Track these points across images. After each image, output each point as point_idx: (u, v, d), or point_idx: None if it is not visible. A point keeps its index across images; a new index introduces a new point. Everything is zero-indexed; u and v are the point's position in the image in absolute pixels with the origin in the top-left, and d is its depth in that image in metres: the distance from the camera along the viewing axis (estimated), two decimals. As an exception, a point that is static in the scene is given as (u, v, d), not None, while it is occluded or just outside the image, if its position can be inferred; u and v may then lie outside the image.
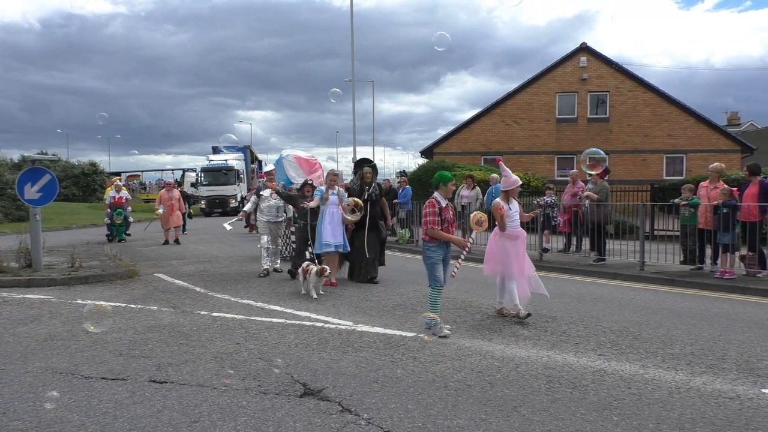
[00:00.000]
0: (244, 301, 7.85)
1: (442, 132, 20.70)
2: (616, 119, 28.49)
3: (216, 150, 40.92)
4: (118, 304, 7.68)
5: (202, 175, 36.78)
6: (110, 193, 18.22)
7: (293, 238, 11.42)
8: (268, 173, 11.58)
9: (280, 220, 10.94)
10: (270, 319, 6.74)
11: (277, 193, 10.35)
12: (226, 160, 37.47)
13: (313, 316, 6.93)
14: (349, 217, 9.07)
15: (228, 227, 8.90)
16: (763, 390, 4.34)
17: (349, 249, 9.45)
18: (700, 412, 3.91)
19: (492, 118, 29.67)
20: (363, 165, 10.13)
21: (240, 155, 39.34)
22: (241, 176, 37.14)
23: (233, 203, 34.50)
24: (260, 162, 48.35)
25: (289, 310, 7.25)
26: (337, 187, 9.51)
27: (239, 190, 35.92)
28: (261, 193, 10.84)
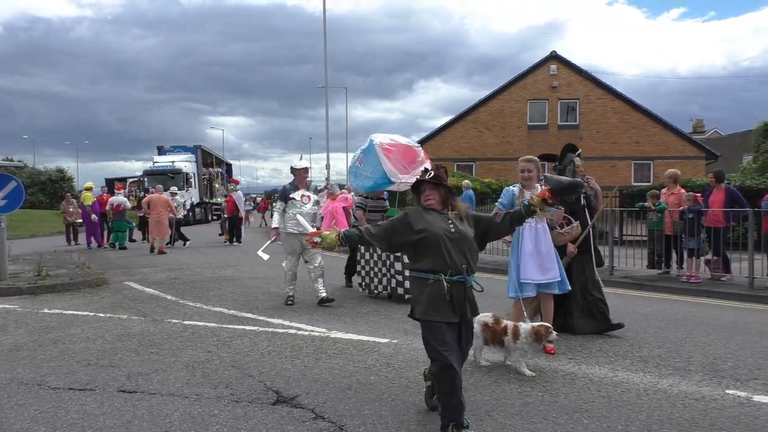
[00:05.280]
0: (217, 309, 7.77)
1: (416, 138, 20.94)
2: (585, 126, 28.98)
3: (161, 150, 36.25)
4: (86, 313, 7.54)
5: (146, 179, 31.53)
6: (91, 197, 17.92)
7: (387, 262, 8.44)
8: (302, 170, 8.21)
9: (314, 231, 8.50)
10: (243, 327, 6.68)
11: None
12: (172, 162, 32.90)
13: (287, 323, 6.89)
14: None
15: (264, 256, 7.88)
16: (727, 391, 4.45)
17: (569, 288, 5.83)
18: (667, 413, 3.99)
19: (465, 125, 29.93)
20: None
21: (189, 156, 34.76)
22: (191, 180, 32.94)
23: (181, 212, 30.29)
24: (229, 166, 46.39)
25: (262, 318, 7.20)
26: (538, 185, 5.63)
27: (189, 196, 31.09)
28: (291, 196, 8.00)
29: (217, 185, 39.37)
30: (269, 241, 8.27)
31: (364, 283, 9.03)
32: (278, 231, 8.12)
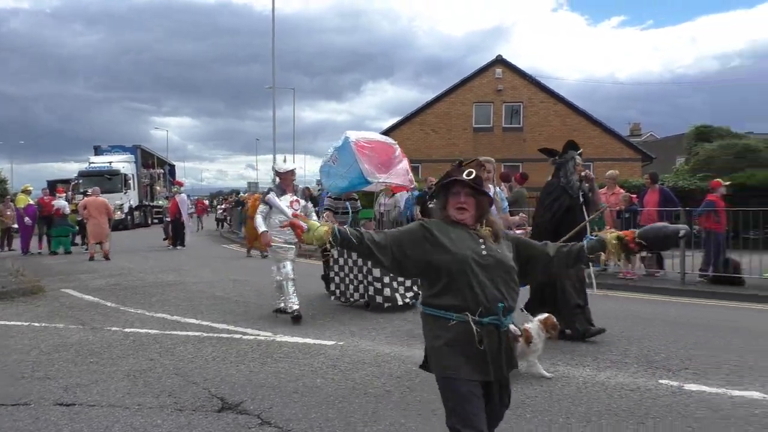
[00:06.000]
0: (159, 315, 7.58)
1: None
2: (529, 129, 29.66)
3: (98, 150, 34.13)
4: (20, 323, 7.22)
5: (80, 180, 28.79)
6: (26, 199, 17.15)
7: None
8: (288, 173, 7.25)
9: None
10: (186, 333, 6.54)
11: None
12: (110, 163, 30.76)
13: (231, 328, 6.79)
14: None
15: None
16: (660, 381, 4.66)
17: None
18: (605, 404, 4.15)
19: (411, 127, 30.17)
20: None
21: (128, 156, 32.79)
22: (130, 182, 31.08)
23: (119, 215, 26.99)
24: (172, 167, 45.07)
25: (206, 323, 7.07)
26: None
27: (127, 198, 29.68)
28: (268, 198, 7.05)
29: (158, 187, 38.18)
30: (269, 248, 7.23)
31: (338, 291, 8.36)
32: (266, 234, 7.03)
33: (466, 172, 2.68)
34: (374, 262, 2.72)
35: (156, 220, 34.70)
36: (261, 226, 7.08)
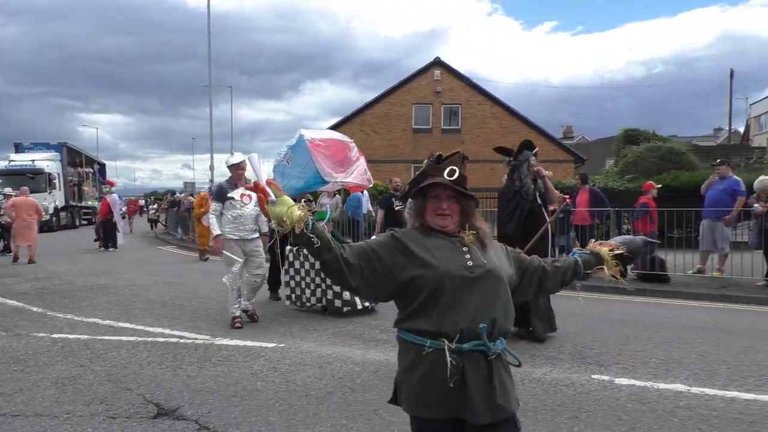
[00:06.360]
0: (90, 320, 7.27)
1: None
2: (467, 130, 30.21)
3: (20, 148, 32.46)
4: (-65, 330, 6.77)
5: (0, 180, 26.64)
6: None
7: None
8: (236, 166, 7.03)
9: (256, 237, 7.12)
10: (119, 338, 6.30)
11: None
12: (32, 161, 29.28)
13: (167, 331, 6.60)
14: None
15: (237, 261, 6.89)
16: (592, 376, 4.84)
17: None
18: (541, 400, 4.27)
19: (352, 127, 30.14)
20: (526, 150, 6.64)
21: (53, 155, 31.32)
22: (55, 181, 29.57)
23: (44, 216, 25.43)
24: (102, 166, 43.38)
25: (140, 327, 6.83)
26: None
27: (53, 199, 28.26)
28: (229, 195, 6.92)
29: (86, 187, 36.63)
30: (223, 254, 6.91)
31: (294, 296, 7.97)
32: (220, 236, 6.83)
33: (447, 171, 2.21)
34: (339, 281, 2.18)
35: (85, 222, 33.35)
36: (215, 229, 6.83)
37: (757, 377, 4.79)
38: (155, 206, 31.77)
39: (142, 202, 44.07)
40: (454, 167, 2.22)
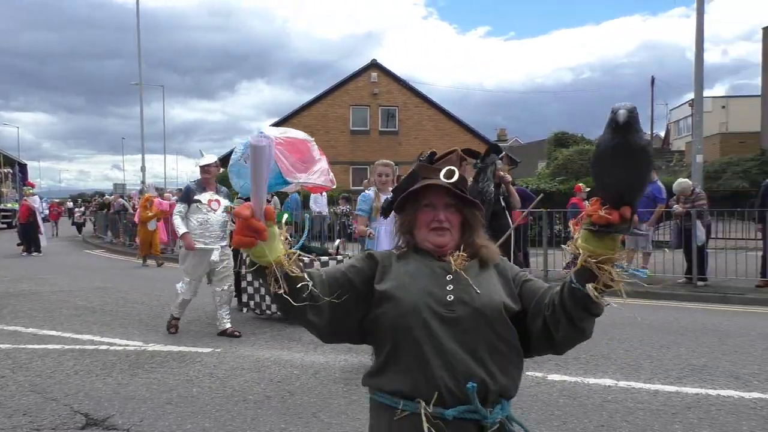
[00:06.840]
0: (11, 328, 6.89)
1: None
2: (404, 132, 30.49)
3: None
4: None
5: None
6: None
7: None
8: (207, 167, 6.57)
9: (224, 244, 6.58)
10: (44, 346, 6.01)
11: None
12: None
13: (97, 338, 6.34)
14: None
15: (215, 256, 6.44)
16: (527, 373, 4.97)
17: None
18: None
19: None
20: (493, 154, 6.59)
21: None
22: None
23: None
24: (24, 166, 41.39)
25: (67, 334, 6.53)
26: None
27: None
28: (196, 198, 6.43)
29: (5, 189, 34.77)
30: (192, 252, 6.44)
31: (252, 303, 7.62)
32: (187, 236, 6.32)
33: (444, 172, 1.69)
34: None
35: (4, 225, 31.64)
36: (181, 228, 6.37)
37: (678, 370, 5.06)
38: (81, 209, 30.52)
39: (70, 204, 42.14)
40: (453, 167, 1.71)
